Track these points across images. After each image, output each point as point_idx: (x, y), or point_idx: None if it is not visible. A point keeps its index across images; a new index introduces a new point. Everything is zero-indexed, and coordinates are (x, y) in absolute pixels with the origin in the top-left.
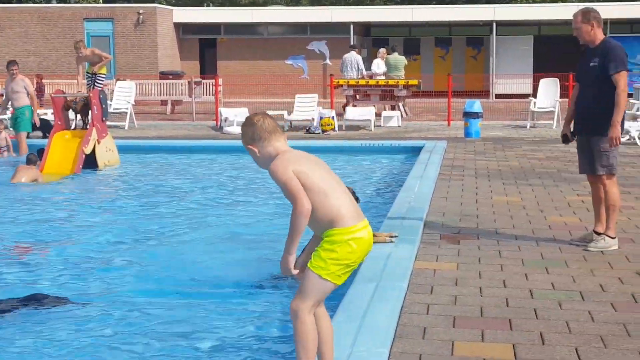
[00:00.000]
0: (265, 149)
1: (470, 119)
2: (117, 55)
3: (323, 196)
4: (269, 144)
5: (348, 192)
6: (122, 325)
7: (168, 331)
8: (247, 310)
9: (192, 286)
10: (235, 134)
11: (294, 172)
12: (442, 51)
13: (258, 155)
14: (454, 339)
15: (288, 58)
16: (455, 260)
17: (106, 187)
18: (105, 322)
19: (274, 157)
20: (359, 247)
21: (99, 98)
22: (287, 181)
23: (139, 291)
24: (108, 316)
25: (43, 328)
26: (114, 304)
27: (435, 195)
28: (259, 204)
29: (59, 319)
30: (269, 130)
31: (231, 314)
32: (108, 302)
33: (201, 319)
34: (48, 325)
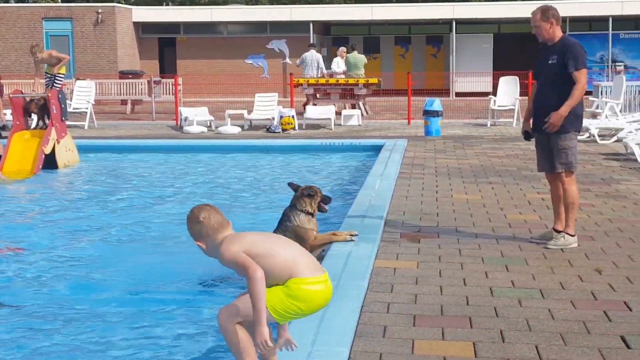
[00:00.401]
0: (213, 243)
1: (430, 118)
2: (76, 55)
3: (273, 257)
4: (216, 238)
5: (303, 249)
6: (75, 327)
7: (123, 330)
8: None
9: (150, 285)
10: (196, 133)
11: (239, 248)
12: (401, 49)
13: (206, 249)
14: (414, 338)
15: (248, 57)
16: (415, 259)
17: (65, 187)
18: (56, 323)
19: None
20: (313, 299)
21: (58, 98)
22: (234, 256)
23: (97, 290)
24: (60, 317)
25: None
26: (68, 305)
27: (396, 193)
28: (218, 201)
29: (8, 319)
30: (215, 227)
31: (183, 313)
32: (62, 303)
33: (156, 318)
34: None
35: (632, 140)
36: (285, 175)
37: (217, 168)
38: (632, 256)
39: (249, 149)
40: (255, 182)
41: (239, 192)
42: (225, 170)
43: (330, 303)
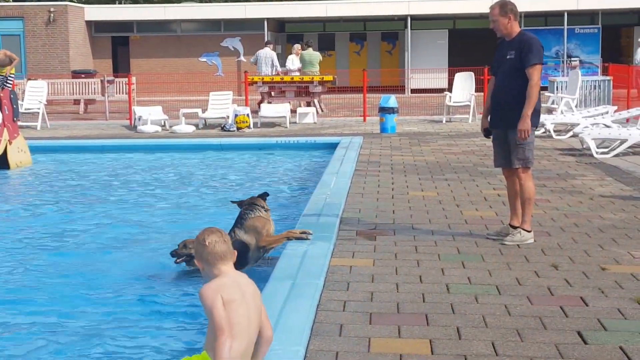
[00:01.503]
0: (210, 271)
1: (385, 114)
2: (28, 55)
3: (239, 334)
4: (215, 267)
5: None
6: (30, 331)
7: (77, 333)
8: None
9: (103, 287)
10: (150, 132)
11: (224, 300)
12: (357, 46)
13: (202, 270)
14: (371, 336)
15: (202, 55)
16: (371, 257)
17: (18, 188)
18: (10, 327)
19: (214, 277)
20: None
21: (10, 98)
22: (213, 310)
23: (49, 294)
24: (14, 322)
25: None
26: (20, 309)
27: (352, 191)
28: (171, 199)
29: None
30: (216, 257)
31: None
32: (15, 307)
33: (113, 319)
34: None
35: (587, 135)
36: (240, 173)
37: (170, 168)
38: (588, 251)
39: (203, 148)
40: (209, 181)
41: (193, 191)
42: (179, 170)
43: (286, 302)
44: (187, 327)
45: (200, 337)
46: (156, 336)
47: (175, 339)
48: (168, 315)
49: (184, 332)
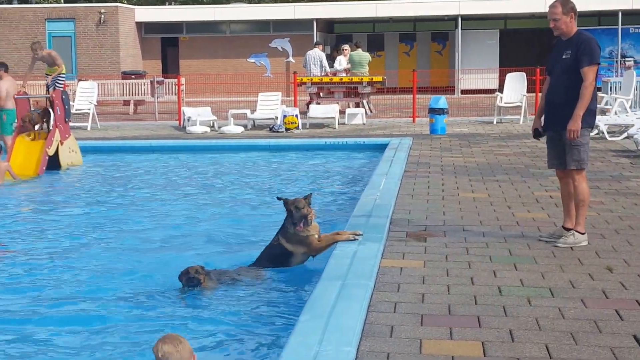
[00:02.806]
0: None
1: (435, 115)
2: (78, 56)
3: None
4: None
5: None
6: (72, 328)
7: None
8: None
9: (151, 287)
10: (199, 133)
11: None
12: (406, 47)
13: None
14: (422, 337)
15: (250, 56)
16: (422, 258)
17: (69, 188)
18: (57, 325)
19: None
20: None
21: (62, 99)
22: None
23: (97, 292)
24: (58, 319)
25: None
26: (70, 306)
27: (401, 192)
28: (221, 201)
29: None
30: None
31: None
32: (62, 305)
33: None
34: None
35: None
36: (289, 174)
37: (220, 168)
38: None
39: (252, 149)
40: (258, 182)
41: (242, 192)
42: (228, 170)
43: (336, 303)
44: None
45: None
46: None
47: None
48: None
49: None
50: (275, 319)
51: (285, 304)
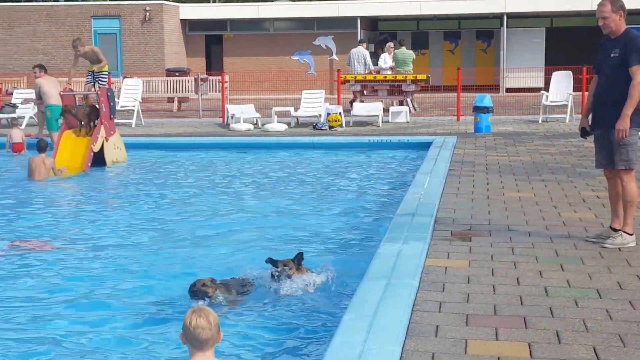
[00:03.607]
0: (190, 352)
1: (480, 114)
2: (124, 53)
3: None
4: (194, 354)
5: None
6: (119, 325)
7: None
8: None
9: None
10: (242, 130)
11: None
12: (451, 45)
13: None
14: (467, 338)
15: (294, 54)
16: (466, 258)
17: (114, 184)
18: (104, 322)
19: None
20: None
21: (107, 96)
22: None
23: (140, 290)
24: (108, 317)
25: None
26: (113, 302)
27: (446, 191)
28: (266, 198)
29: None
30: (199, 343)
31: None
32: (107, 301)
33: None
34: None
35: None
36: (332, 172)
37: (263, 165)
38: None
39: (295, 147)
40: (302, 180)
41: (286, 189)
42: (272, 168)
43: (380, 302)
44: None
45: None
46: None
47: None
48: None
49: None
50: (318, 318)
51: (328, 303)
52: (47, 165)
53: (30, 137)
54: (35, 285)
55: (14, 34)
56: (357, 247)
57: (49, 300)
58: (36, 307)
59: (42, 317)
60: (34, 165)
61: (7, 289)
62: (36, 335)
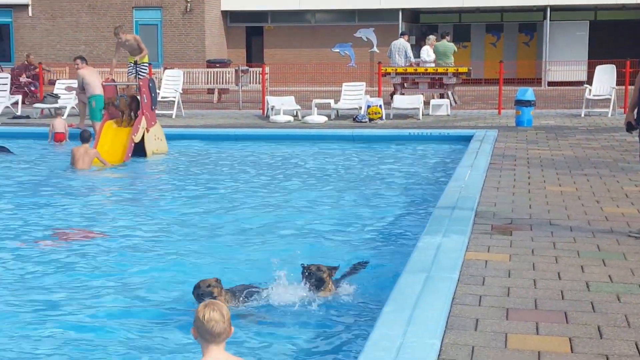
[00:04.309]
0: (203, 347)
1: (522, 107)
2: (165, 44)
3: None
4: (207, 348)
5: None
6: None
7: None
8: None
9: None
10: (282, 122)
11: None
12: (493, 38)
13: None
14: (508, 332)
15: (335, 46)
16: (507, 252)
17: (154, 175)
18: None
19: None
20: None
21: (149, 87)
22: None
23: (180, 281)
24: (146, 306)
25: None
26: (152, 292)
27: (486, 185)
28: (308, 190)
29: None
30: (213, 336)
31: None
32: (147, 291)
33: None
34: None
35: None
36: (372, 165)
37: (302, 158)
38: None
39: (335, 139)
40: (341, 172)
41: (326, 182)
42: (311, 160)
43: (420, 295)
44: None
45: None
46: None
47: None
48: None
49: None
50: (357, 311)
51: (367, 295)
52: (90, 154)
53: (72, 127)
54: (76, 273)
55: (57, 25)
56: (396, 239)
57: (90, 289)
58: (78, 294)
59: (81, 304)
60: (77, 155)
61: (48, 276)
62: (78, 322)
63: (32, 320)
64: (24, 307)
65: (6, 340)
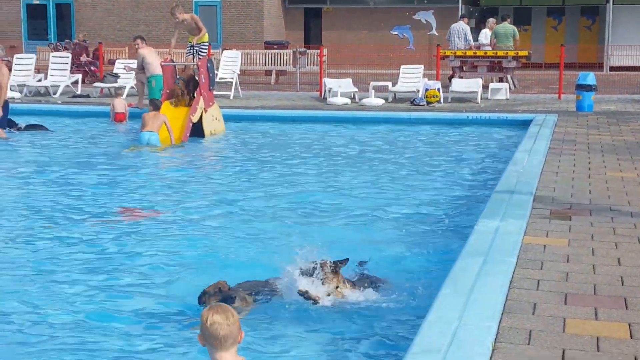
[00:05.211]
0: (210, 353)
1: (583, 92)
2: (223, 25)
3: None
4: (215, 353)
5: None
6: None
7: None
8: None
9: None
10: (339, 104)
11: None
12: (554, 21)
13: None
14: (566, 316)
15: (393, 28)
16: (566, 237)
17: (211, 155)
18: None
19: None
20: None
21: (207, 67)
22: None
23: (234, 259)
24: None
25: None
26: (206, 272)
27: (545, 169)
28: (363, 173)
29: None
30: (218, 340)
31: None
32: (200, 271)
33: None
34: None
35: None
36: (429, 149)
37: (359, 141)
38: None
39: (392, 122)
40: (398, 155)
41: (382, 164)
42: (368, 142)
43: (477, 278)
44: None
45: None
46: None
47: None
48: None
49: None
50: (414, 292)
51: (423, 277)
52: (160, 119)
53: (131, 106)
54: (131, 251)
55: (117, 4)
56: (454, 223)
57: (143, 266)
58: (134, 270)
59: (139, 279)
60: (147, 119)
61: (110, 252)
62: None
63: (97, 295)
64: (82, 281)
65: (65, 314)
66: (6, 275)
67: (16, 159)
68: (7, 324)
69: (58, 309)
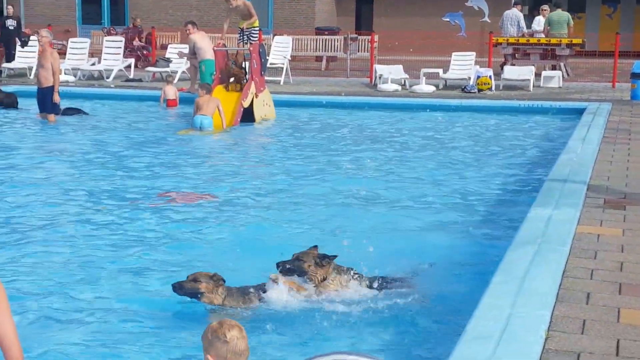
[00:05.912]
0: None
1: (638, 81)
2: (275, 10)
3: None
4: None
5: None
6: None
7: None
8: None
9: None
10: (390, 91)
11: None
12: (609, 9)
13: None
14: (620, 306)
15: (445, 15)
16: (620, 226)
17: (261, 140)
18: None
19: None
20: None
21: (259, 52)
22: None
23: (287, 243)
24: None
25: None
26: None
27: (599, 158)
28: (414, 160)
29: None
30: (238, 355)
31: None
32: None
33: None
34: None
35: None
36: (480, 137)
37: (411, 128)
38: None
39: (443, 109)
40: (449, 143)
41: (433, 152)
42: (419, 130)
43: (530, 267)
44: None
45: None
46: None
47: None
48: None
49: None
50: (467, 280)
51: (477, 264)
52: (213, 102)
53: (182, 91)
54: (184, 233)
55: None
56: (506, 210)
57: (195, 248)
58: (186, 252)
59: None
60: (201, 102)
61: (159, 234)
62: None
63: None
64: (136, 264)
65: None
66: (75, 259)
67: (70, 141)
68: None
69: (114, 292)
